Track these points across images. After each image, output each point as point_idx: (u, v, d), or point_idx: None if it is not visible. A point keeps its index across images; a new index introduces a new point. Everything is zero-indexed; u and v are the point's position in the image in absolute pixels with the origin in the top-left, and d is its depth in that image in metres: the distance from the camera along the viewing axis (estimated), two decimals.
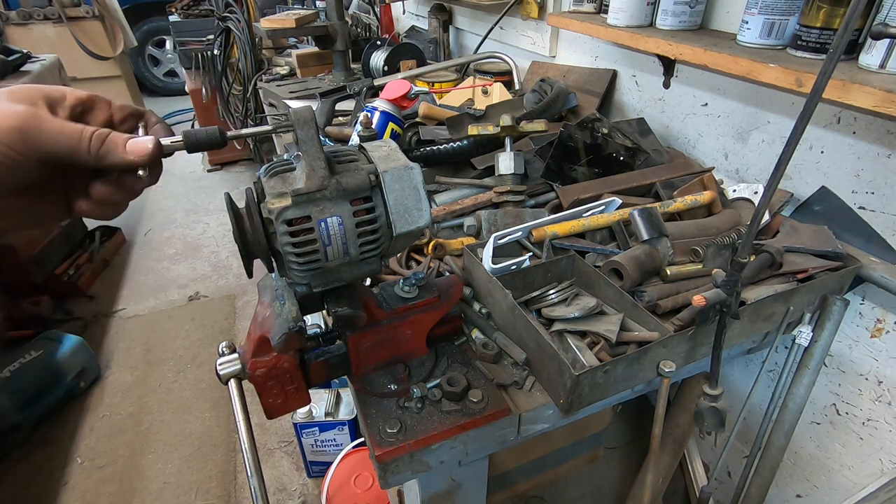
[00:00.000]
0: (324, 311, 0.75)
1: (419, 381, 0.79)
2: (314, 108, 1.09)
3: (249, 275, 0.61)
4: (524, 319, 0.80)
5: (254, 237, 0.59)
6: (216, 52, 3.11)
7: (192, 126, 4.16)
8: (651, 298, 0.89)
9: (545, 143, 1.29)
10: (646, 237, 0.97)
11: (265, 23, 2.20)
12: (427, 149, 1.34)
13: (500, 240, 0.98)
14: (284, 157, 0.62)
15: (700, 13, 1.27)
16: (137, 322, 2.69)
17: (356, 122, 1.43)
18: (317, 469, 1.82)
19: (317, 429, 1.70)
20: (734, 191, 1.19)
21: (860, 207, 1.05)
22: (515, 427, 0.80)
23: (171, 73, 5.80)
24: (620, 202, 1.11)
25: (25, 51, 2.42)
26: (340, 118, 1.79)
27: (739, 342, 0.96)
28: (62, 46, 3.78)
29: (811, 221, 1.09)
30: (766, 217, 1.09)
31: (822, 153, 1.10)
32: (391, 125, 1.45)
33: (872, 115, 0.98)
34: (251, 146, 3.80)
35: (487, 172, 1.32)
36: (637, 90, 1.58)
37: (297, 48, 2.86)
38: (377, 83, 1.78)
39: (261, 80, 2.51)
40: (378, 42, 2.22)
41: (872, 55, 0.89)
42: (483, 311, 0.92)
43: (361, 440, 1.66)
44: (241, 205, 0.60)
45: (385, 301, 0.79)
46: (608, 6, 1.38)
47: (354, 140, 1.38)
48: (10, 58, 2.26)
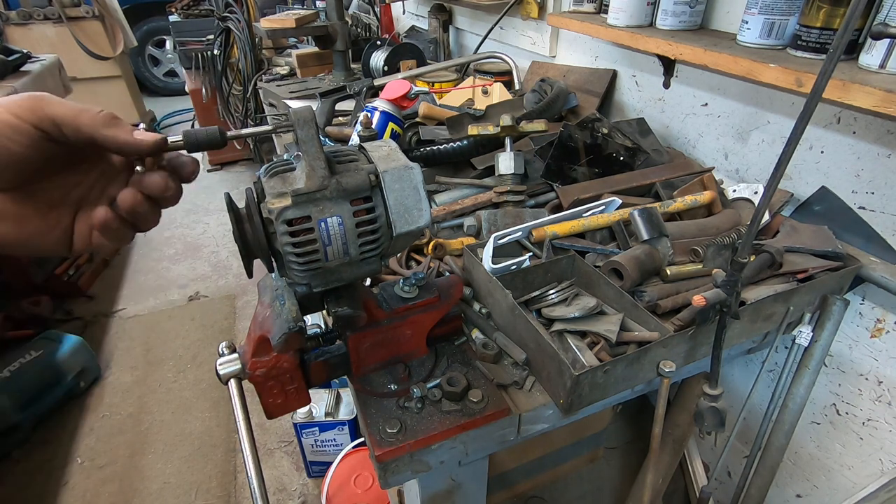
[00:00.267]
0: (324, 311, 0.75)
1: (419, 381, 0.79)
2: (314, 108, 1.09)
3: (249, 275, 0.61)
4: (524, 319, 0.80)
5: (254, 237, 0.59)
6: (216, 52, 3.11)
7: (192, 126, 4.16)
8: (651, 298, 0.89)
9: (545, 143, 1.29)
10: (646, 237, 0.97)
11: (265, 23, 2.20)
12: (427, 149, 1.34)
13: (500, 240, 0.98)
14: (284, 157, 0.62)
15: (700, 13, 1.27)
16: (137, 322, 2.69)
17: (356, 122, 1.43)
18: (317, 469, 1.82)
19: (317, 429, 1.70)
20: (734, 191, 1.19)
21: (860, 207, 1.05)
22: (515, 427, 0.80)
23: (171, 73, 5.79)
24: (620, 202, 1.11)
25: (25, 51, 2.42)
26: (340, 118, 1.79)
27: (739, 342, 0.96)
28: (62, 46, 3.79)
29: (811, 221, 1.09)
30: (766, 217, 1.09)
31: (822, 153, 1.10)
32: (391, 125, 1.45)
33: (872, 115, 0.98)
34: (251, 146, 3.80)
35: (487, 172, 1.32)
36: (637, 90, 1.58)
37: (297, 48, 2.86)
38: (377, 83, 1.78)
39: (261, 80, 2.51)
40: (378, 42, 2.22)
41: (872, 55, 0.89)
42: (483, 311, 0.92)
43: (361, 440, 1.66)
44: (241, 205, 0.60)
45: (385, 301, 0.79)
46: (608, 6, 1.38)
47: (354, 140, 1.38)
48: (10, 58, 2.26)
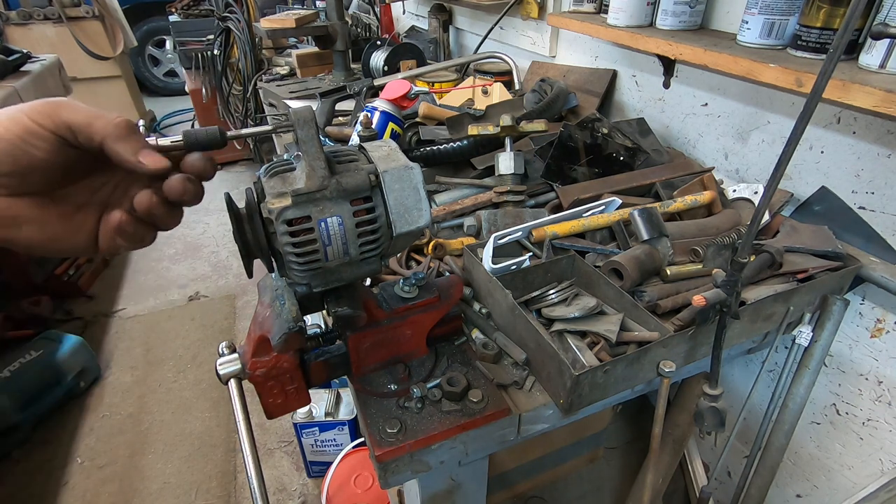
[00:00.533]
0: (324, 311, 0.75)
1: (419, 381, 0.79)
2: (314, 108, 1.09)
3: (249, 275, 0.61)
4: (524, 319, 0.80)
5: (254, 237, 0.59)
6: (216, 52, 3.11)
7: (192, 126, 4.16)
8: (651, 298, 0.89)
9: (545, 143, 1.29)
10: (646, 237, 0.97)
11: (265, 23, 2.20)
12: (427, 149, 1.34)
13: (500, 240, 0.98)
14: (284, 157, 0.62)
15: (700, 13, 1.26)
16: (137, 322, 2.69)
17: (356, 122, 1.43)
18: (317, 469, 1.82)
19: (317, 429, 1.70)
20: (734, 191, 1.19)
21: (860, 207, 1.05)
22: (515, 427, 0.80)
23: (171, 73, 5.79)
24: (620, 202, 1.11)
25: (25, 51, 2.42)
26: (340, 118, 1.79)
27: (739, 342, 0.96)
28: (62, 46, 3.78)
29: (811, 221, 1.09)
30: (766, 217, 1.09)
31: (822, 153, 1.10)
32: (391, 125, 1.45)
33: (872, 115, 0.98)
34: (251, 146, 3.80)
35: (487, 172, 1.32)
36: (637, 90, 1.58)
37: (297, 48, 2.86)
38: (377, 83, 1.78)
39: (261, 80, 2.51)
40: (378, 42, 2.22)
41: (872, 55, 0.89)
42: (483, 311, 0.92)
43: (361, 440, 1.66)
44: (241, 205, 0.60)
45: (385, 301, 0.79)
46: (608, 6, 1.38)
47: (354, 140, 1.38)
48: (10, 58, 2.26)
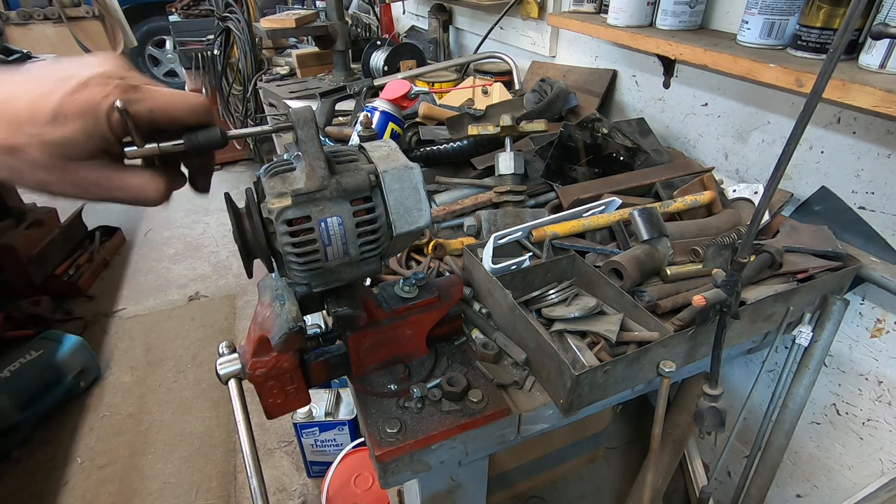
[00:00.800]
0: (324, 311, 0.75)
1: (419, 381, 0.79)
2: (314, 108, 1.09)
3: (249, 275, 0.61)
4: (524, 319, 0.80)
5: (254, 237, 0.59)
6: (216, 52, 3.11)
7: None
8: (651, 298, 0.89)
9: (545, 143, 1.29)
10: (646, 237, 0.97)
11: (265, 23, 2.20)
12: (427, 149, 1.34)
13: (500, 240, 0.98)
14: (284, 157, 0.62)
15: (700, 13, 1.26)
16: (137, 322, 2.69)
17: (356, 122, 1.43)
18: (317, 469, 1.82)
19: (317, 429, 1.70)
20: (734, 191, 1.19)
21: (860, 207, 1.05)
22: (515, 427, 0.80)
23: (171, 73, 5.79)
24: (620, 202, 1.11)
25: (25, 51, 2.42)
26: (340, 118, 1.79)
27: (739, 342, 0.96)
28: (62, 46, 3.79)
29: (811, 221, 1.09)
30: (766, 217, 1.09)
31: (822, 153, 1.10)
32: (391, 125, 1.45)
33: (872, 115, 0.98)
34: (251, 146, 3.80)
35: (487, 172, 1.32)
36: (637, 90, 1.58)
37: (297, 48, 2.86)
38: (377, 83, 1.78)
39: (261, 80, 2.51)
40: (378, 42, 2.22)
41: (872, 55, 0.89)
42: (483, 311, 0.92)
43: (361, 440, 1.66)
44: (241, 205, 0.60)
45: (385, 301, 0.79)
46: (608, 6, 1.38)
47: (354, 140, 1.38)
48: (10, 58, 2.26)
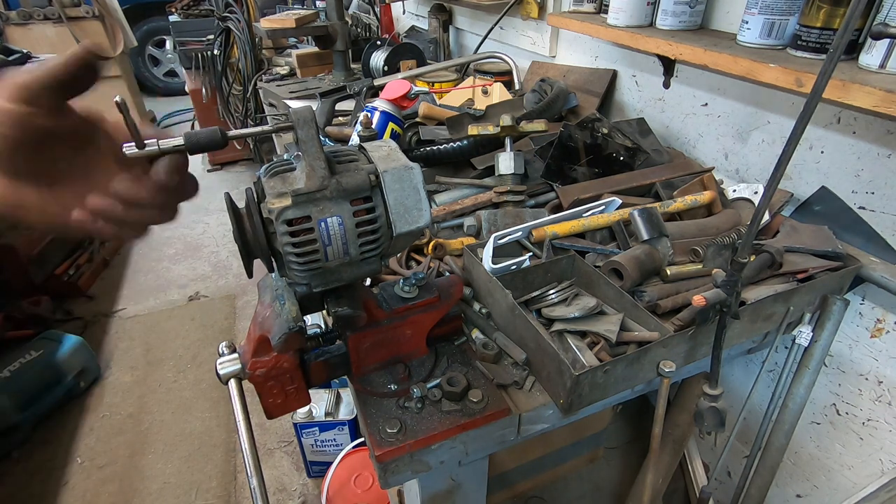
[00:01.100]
0: (324, 311, 0.75)
1: (419, 381, 0.79)
2: (314, 108, 1.09)
3: (249, 275, 0.61)
4: (524, 319, 0.80)
5: (254, 237, 0.59)
6: (216, 52, 3.11)
7: (192, 126, 4.16)
8: (651, 298, 0.89)
9: (545, 143, 1.29)
10: (646, 237, 0.97)
11: (265, 23, 2.20)
12: (427, 149, 1.34)
13: (500, 240, 0.98)
14: (284, 157, 0.62)
15: (700, 13, 1.26)
16: (137, 322, 2.69)
17: (356, 122, 1.43)
18: (317, 469, 1.82)
19: (317, 429, 1.70)
20: (734, 191, 1.19)
21: (860, 207, 1.05)
22: (515, 427, 0.80)
23: (171, 73, 5.79)
24: (620, 202, 1.11)
25: (25, 51, 2.42)
26: (340, 118, 1.79)
27: (739, 342, 0.96)
28: (62, 46, 3.78)
29: (811, 221, 1.09)
30: (766, 217, 1.09)
31: (822, 153, 1.10)
32: (391, 125, 1.45)
33: (872, 115, 0.98)
34: (251, 146, 3.80)
35: (487, 172, 1.32)
36: (637, 90, 1.58)
37: (297, 48, 2.86)
38: (377, 83, 1.78)
39: (261, 80, 2.51)
40: (378, 42, 2.22)
41: (872, 55, 0.89)
42: (483, 311, 0.92)
43: (361, 440, 1.66)
44: (241, 205, 0.60)
45: (385, 301, 0.79)
46: (608, 6, 1.38)
47: (354, 140, 1.38)
48: (10, 58, 2.26)
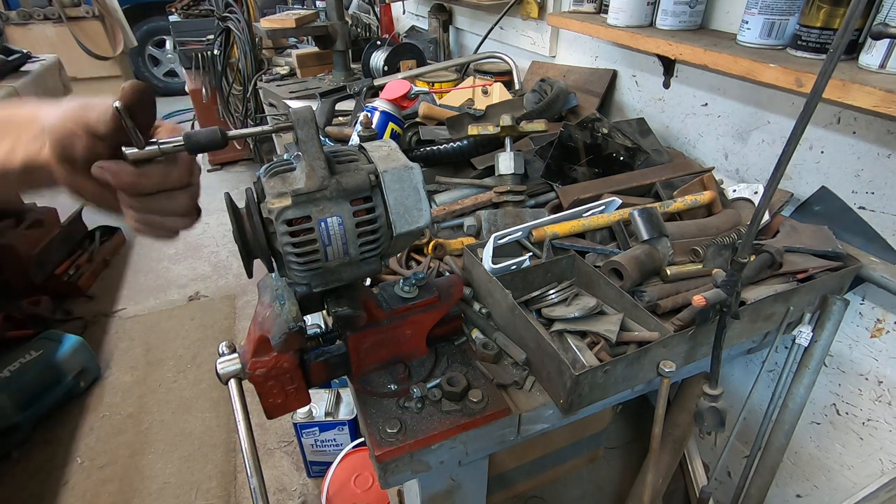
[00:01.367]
0: (324, 311, 0.75)
1: (419, 381, 0.79)
2: (314, 108, 1.09)
3: (249, 275, 0.61)
4: (524, 319, 0.80)
5: (254, 237, 0.59)
6: (216, 52, 3.11)
7: (192, 126, 4.16)
8: (651, 298, 0.89)
9: (545, 143, 1.29)
10: (646, 237, 0.97)
11: (265, 23, 2.20)
12: (427, 149, 1.34)
13: (500, 240, 0.98)
14: (284, 157, 0.62)
15: (700, 13, 1.26)
16: (137, 322, 2.69)
17: (356, 122, 1.43)
18: (317, 469, 1.82)
19: (317, 429, 1.70)
20: (734, 191, 1.19)
21: (860, 207, 1.05)
22: (515, 427, 0.80)
23: (171, 73, 5.79)
24: (620, 202, 1.11)
25: (25, 51, 2.42)
26: (340, 118, 1.79)
27: (739, 342, 0.96)
28: (62, 46, 3.79)
29: (811, 221, 1.09)
30: (766, 217, 1.09)
31: (822, 153, 1.10)
32: (391, 125, 1.45)
33: (872, 115, 0.98)
34: (251, 146, 3.80)
35: (487, 172, 1.32)
36: (637, 90, 1.58)
37: (297, 48, 2.86)
38: (377, 83, 1.78)
39: (261, 80, 2.51)
40: (378, 42, 2.22)
41: (872, 55, 0.89)
42: (483, 311, 0.92)
43: (361, 440, 1.66)
44: (241, 205, 0.60)
45: (385, 301, 0.79)
46: (608, 6, 1.38)
47: (354, 140, 1.38)
48: (10, 58, 2.26)
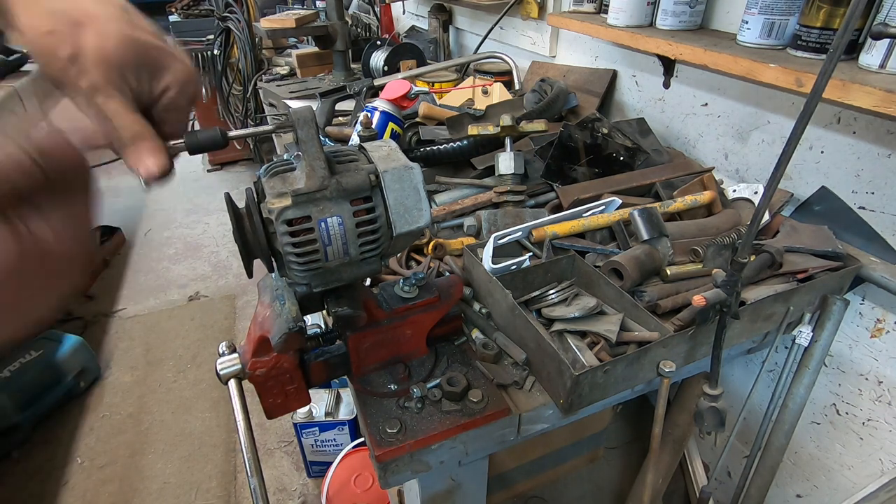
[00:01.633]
0: (324, 311, 0.75)
1: (419, 381, 0.79)
2: (314, 108, 1.09)
3: (249, 275, 0.61)
4: (524, 319, 0.80)
5: (254, 237, 0.59)
6: (216, 52, 3.11)
7: (192, 126, 4.15)
8: (651, 298, 0.89)
9: (545, 143, 1.29)
10: (646, 237, 0.97)
11: (265, 23, 2.21)
12: (427, 149, 1.34)
13: (500, 240, 0.98)
14: (284, 157, 0.62)
15: (700, 13, 1.26)
16: (137, 322, 2.69)
17: (356, 122, 1.43)
18: (317, 469, 1.82)
19: (317, 429, 1.70)
20: (734, 191, 1.19)
21: (860, 207, 1.05)
22: (515, 427, 0.80)
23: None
24: (620, 202, 1.11)
25: (25, 50, 2.42)
26: (340, 118, 1.79)
27: (739, 342, 0.96)
28: None
29: (811, 221, 1.09)
30: (766, 217, 1.09)
31: (822, 153, 1.10)
32: (391, 125, 1.45)
33: (872, 115, 0.98)
34: (251, 146, 3.80)
35: (487, 172, 1.32)
36: (637, 90, 1.58)
37: (297, 48, 2.86)
38: (377, 83, 1.78)
39: (261, 80, 2.51)
40: (378, 42, 2.22)
41: (872, 55, 0.89)
42: (483, 311, 0.92)
43: (361, 440, 1.66)
44: (241, 205, 0.60)
45: (385, 301, 0.79)
46: (608, 6, 1.38)
47: (354, 140, 1.38)
48: (11, 58, 2.26)
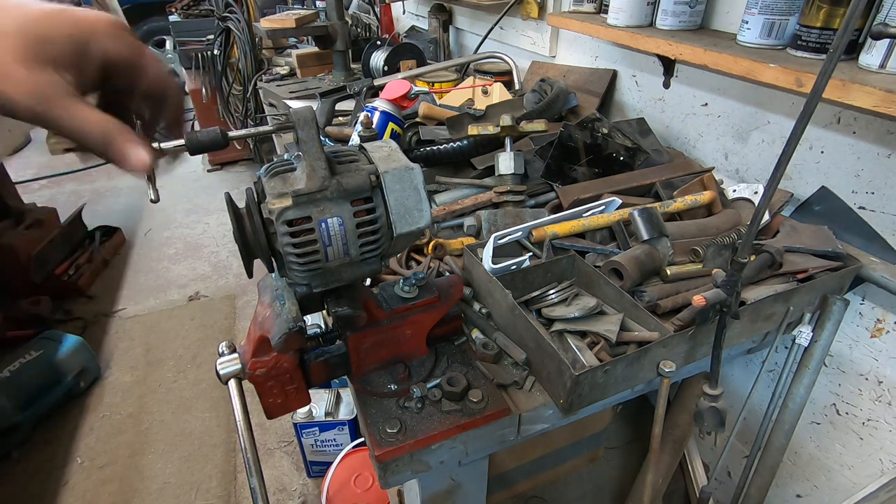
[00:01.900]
0: (324, 311, 0.75)
1: (419, 381, 0.79)
2: (314, 108, 1.09)
3: (249, 275, 0.61)
4: (524, 319, 0.80)
5: (254, 237, 0.59)
6: (216, 52, 3.11)
7: (192, 126, 4.16)
8: (651, 298, 0.89)
9: (545, 143, 1.29)
10: (646, 237, 0.97)
11: (265, 23, 2.20)
12: (427, 149, 1.34)
13: (500, 240, 0.98)
14: (285, 158, 0.62)
15: (700, 13, 1.26)
16: (137, 322, 2.69)
17: (356, 122, 1.43)
18: (317, 469, 1.82)
19: (317, 429, 1.70)
20: (734, 191, 1.19)
21: (860, 207, 1.05)
22: (515, 427, 0.80)
23: (171, 73, 5.79)
24: (620, 202, 1.11)
25: None
26: (340, 118, 1.79)
27: (739, 342, 0.96)
28: None
29: (811, 221, 1.09)
30: (766, 217, 1.09)
31: (822, 153, 1.10)
32: (391, 125, 1.45)
33: (872, 115, 0.98)
34: (251, 146, 3.80)
35: (487, 172, 1.32)
36: (637, 90, 1.58)
37: (297, 48, 2.86)
38: (377, 83, 1.78)
39: (261, 80, 2.51)
40: (378, 42, 2.22)
41: (872, 55, 0.89)
42: (483, 311, 0.92)
43: (361, 440, 1.66)
44: (242, 205, 0.60)
45: (385, 301, 0.79)
46: (608, 6, 1.38)
47: (355, 140, 1.38)
48: None
